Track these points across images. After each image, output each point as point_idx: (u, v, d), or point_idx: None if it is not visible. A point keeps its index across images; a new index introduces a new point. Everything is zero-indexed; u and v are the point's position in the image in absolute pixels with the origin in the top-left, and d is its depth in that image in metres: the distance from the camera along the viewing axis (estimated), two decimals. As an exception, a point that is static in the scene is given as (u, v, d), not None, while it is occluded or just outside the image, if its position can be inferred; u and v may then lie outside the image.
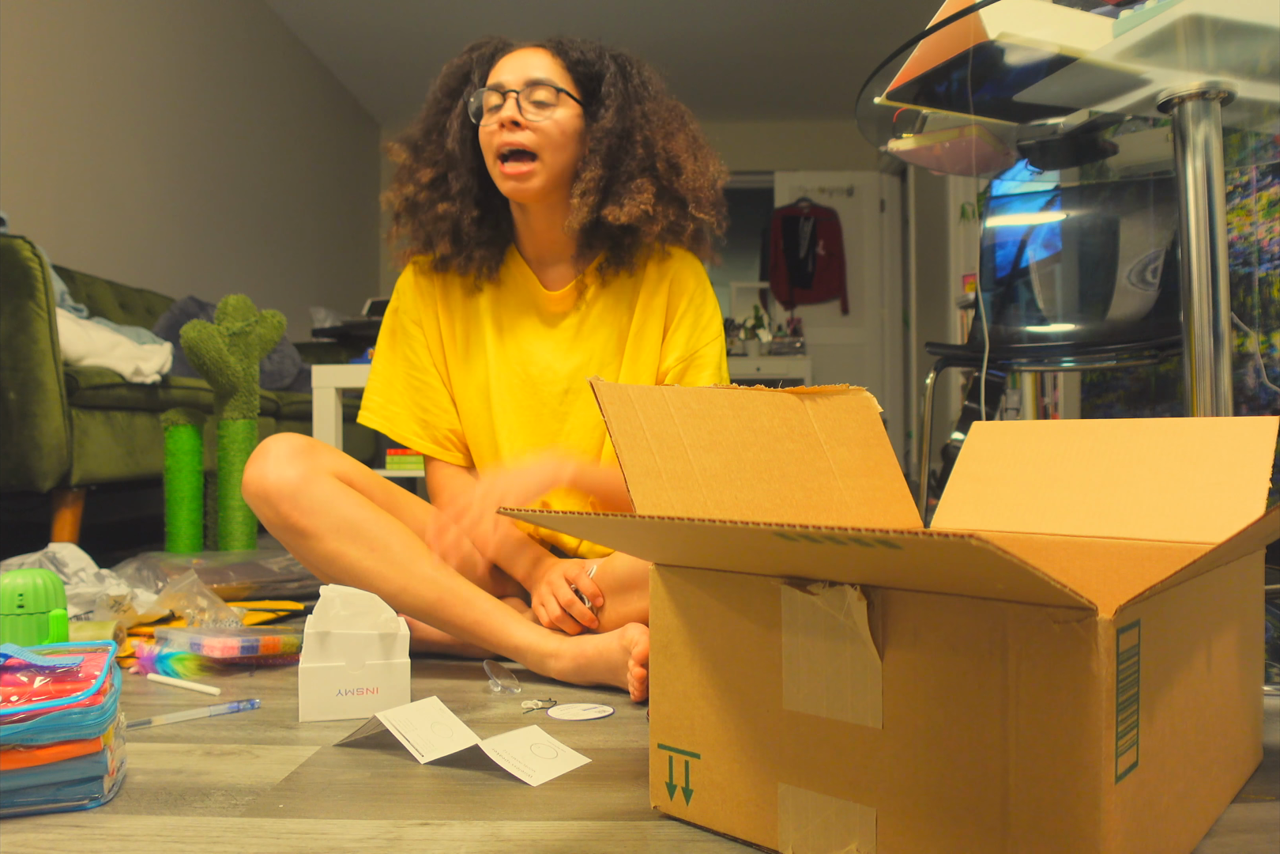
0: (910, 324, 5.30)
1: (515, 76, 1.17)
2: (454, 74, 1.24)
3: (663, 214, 1.20)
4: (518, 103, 1.16)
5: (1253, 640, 0.74)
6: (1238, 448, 0.77)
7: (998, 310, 2.09)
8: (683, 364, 1.26)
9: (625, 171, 1.19)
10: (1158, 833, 0.55)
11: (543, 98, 1.17)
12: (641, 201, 1.17)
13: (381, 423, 1.29)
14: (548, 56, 1.19)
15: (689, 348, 1.26)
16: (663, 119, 1.21)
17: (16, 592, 1.08)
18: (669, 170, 1.20)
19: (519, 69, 1.18)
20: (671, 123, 1.22)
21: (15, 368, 1.75)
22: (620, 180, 1.19)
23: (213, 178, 3.75)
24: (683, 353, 1.26)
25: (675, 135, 1.21)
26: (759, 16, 4.44)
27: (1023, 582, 0.47)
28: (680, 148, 1.20)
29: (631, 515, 0.53)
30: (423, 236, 1.25)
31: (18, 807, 0.69)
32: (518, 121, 1.15)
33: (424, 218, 1.23)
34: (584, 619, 1.09)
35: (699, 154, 1.23)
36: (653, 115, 1.20)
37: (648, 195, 1.18)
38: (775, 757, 0.62)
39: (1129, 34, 0.98)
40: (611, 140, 1.18)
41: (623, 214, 1.17)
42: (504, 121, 1.15)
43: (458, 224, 1.22)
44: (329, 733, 0.89)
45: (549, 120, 1.17)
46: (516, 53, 1.20)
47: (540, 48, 1.20)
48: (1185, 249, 1.07)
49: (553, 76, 1.18)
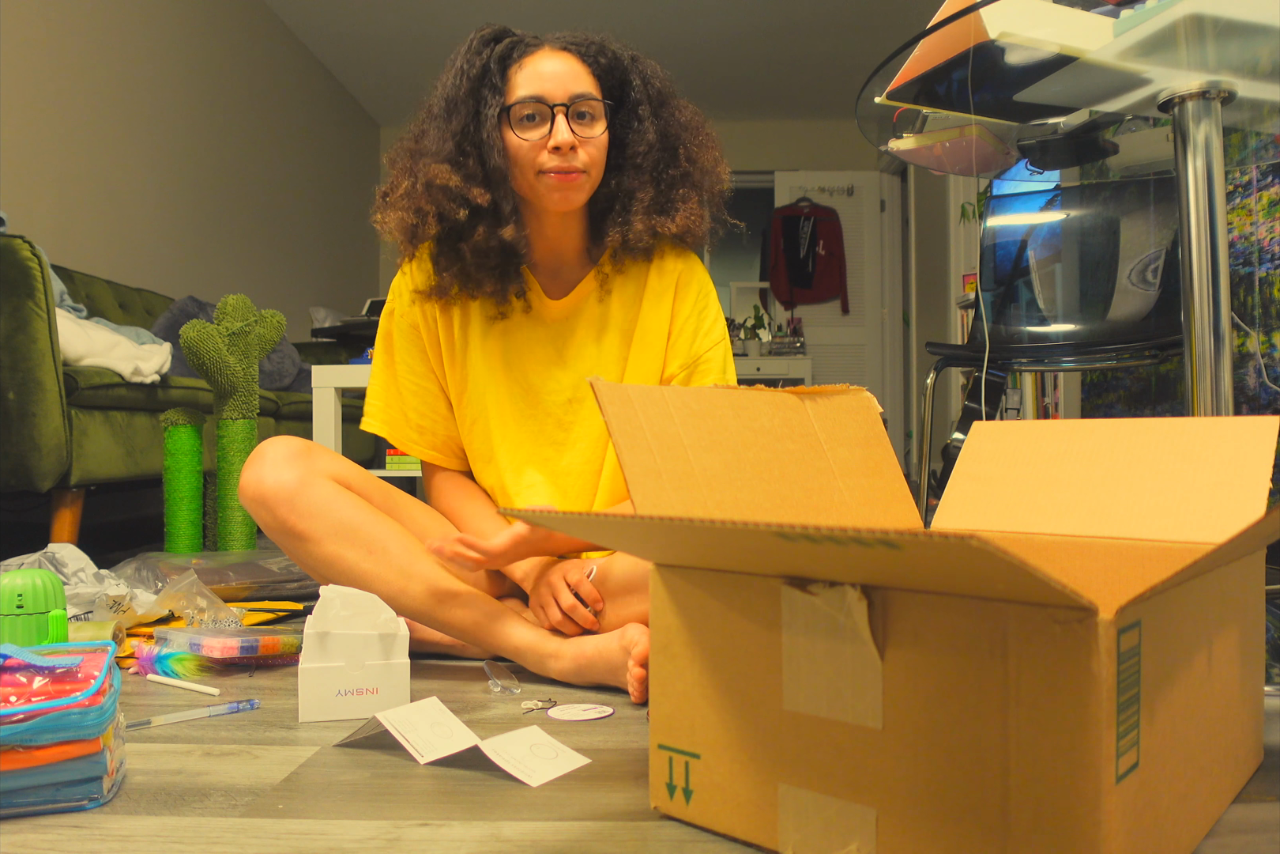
0: (910, 324, 5.30)
1: (557, 88, 1.11)
2: (471, 76, 1.13)
3: (700, 220, 1.21)
4: (569, 121, 1.11)
5: (1253, 641, 0.74)
6: (1238, 448, 0.76)
7: (998, 310, 2.09)
8: (687, 370, 1.24)
9: (668, 182, 1.19)
10: (1158, 833, 0.55)
11: (587, 111, 1.13)
12: (689, 211, 1.18)
13: (381, 427, 1.28)
14: (580, 64, 1.14)
15: (693, 353, 1.25)
16: (694, 125, 1.21)
17: (16, 592, 1.07)
18: (703, 177, 1.20)
19: (559, 79, 1.11)
20: (702, 128, 1.22)
21: (14, 368, 1.75)
22: (665, 192, 1.19)
23: (212, 178, 3.75)
24: (686, 359, 1.24)
25: (705, 141, 1.21)
26: (759, 17, 4.44)
27: (1023, 582, 0.46)
28: (711, 154, 1.21)
29: (631, 515, 0.53)
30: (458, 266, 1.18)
31: (17, 807, 0.68)
32: (575, 146, 1.11)
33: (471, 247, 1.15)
34: (584, 622, 1.09)
35: (722, 156, 1.23)
36: (687, 123, 1.20)
37: (693, 204, 1.19)
38: (775, 757, 0.62)
39: (1129, 33, 0.98)
40: (656, 154, 1.17)
41: (673, 226, 1.18)
42: (562, 146, 1.09)
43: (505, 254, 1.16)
44: (329, 733, 0.89)
45: (596, 137, 1.14)
46: (543, 55, 1.13)
47: (568, 52, 1.15)
48: (1186, 249, 1.07)
49: (591, 89, 1.13)
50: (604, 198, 1.20)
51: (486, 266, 1.17)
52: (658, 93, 1.19)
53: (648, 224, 1.18)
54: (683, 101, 1.23)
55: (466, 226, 1.14)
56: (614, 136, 1.19)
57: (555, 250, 1.23)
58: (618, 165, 1.19)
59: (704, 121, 1.23)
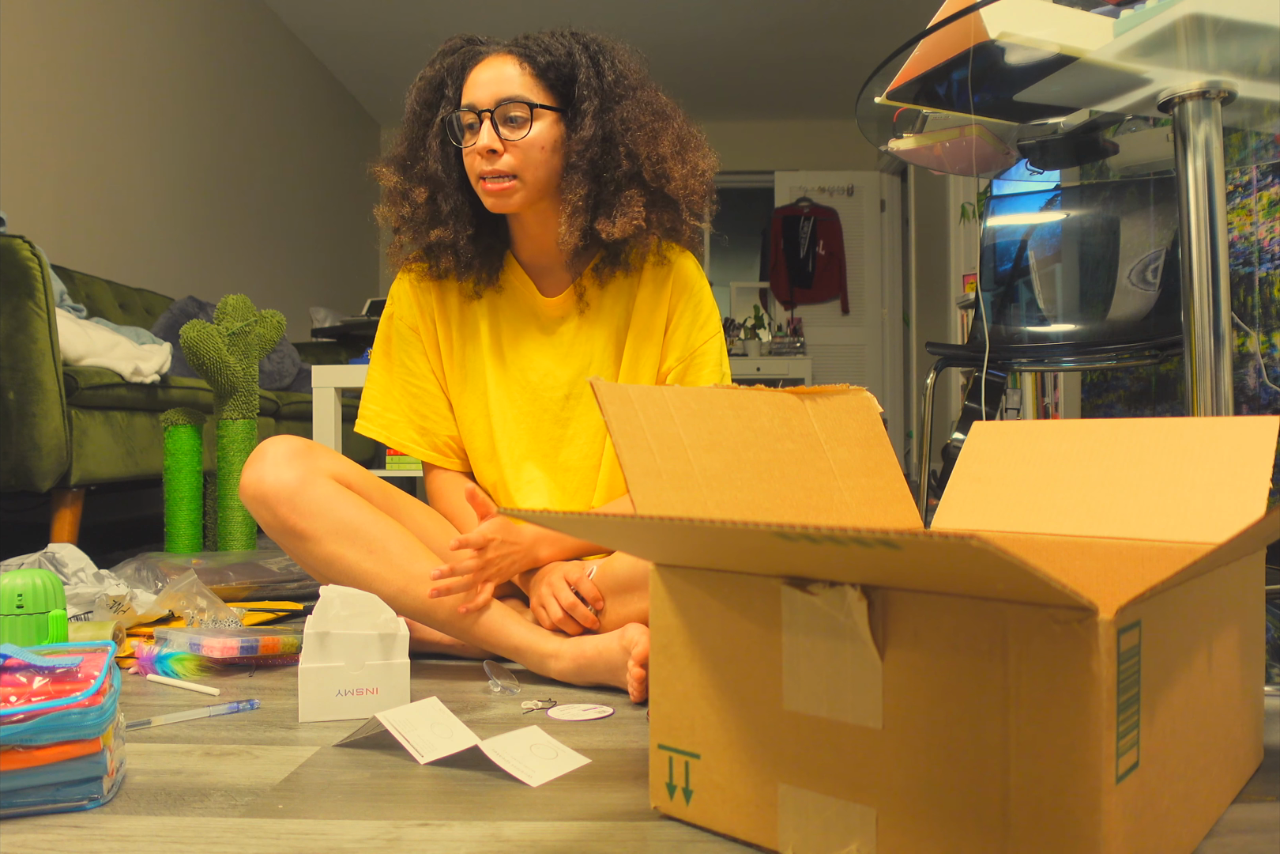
0: (910, 324, 5.30)
1: (486, 94, 1.13)
2: (428, 87, 1.19)
3: (657, 222, 1.18)
4: (494, 125, 1.12)
5: (1253, 641, 0.74)
6: (1238, 448, 0.76)
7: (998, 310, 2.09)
8: (683, 364, 1.25)
9: (612, 182, 1.15)
10: (1158, 833, 0.55)
11: (516, 114, 1.13)
12: (633, 215, 1.14)
13: (378, 431, 1.28)
14: (516, 66, 1.14)
15: (688, 347, 1.25)
16: (645, 120, 1.15)
17: (16, 592, 1.07)
18: (657, 177, 1.15)
19: (489, 85, 1.13)
20: (655, 122, 1.16)
21: (14, 368, 1.75)
22: (608, 192, 1.15)
23: (212, 177, 3.75)
24: (682, 352, 1.25)
25: (660, 136, 1.15)
26: (759, 17, 4.44)
27: (1023, 582, 0.46)
28: (667, 150, 1.15)
29: (631, 515, 0.53)
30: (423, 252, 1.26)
31: (17, 807, 0.68)
32: (494, 149, 1.12)
33: (420, 238, 1.22)
34: (585, 621, 1.09)
35: (687, 154, 1.18)
36: (634, 117, 1.14)
37: (638, 207, 1.14)
38: (775, 757, 0.62)
39: (1129, 33, 0.98)
40: (593, 151, 1.14)
41: (615, 229, 1.14)
42: (481, 151, 1.12)
43: (455, 245, 1.20)
44: (329, 733, 0.89)
45: (525, 139, 1.13)
46: (485, 63, 1.15)
47: (508, 55, 1.15)
48: (1186, 249, 1.07)
49: (524, 91, 1.13)
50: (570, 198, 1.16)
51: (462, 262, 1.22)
52: (610, 85, 1.15)
53: (580, 225, 1.15)
54: (650, 95, 1.18)
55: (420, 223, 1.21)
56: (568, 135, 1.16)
57: (542, 249, 1.24)
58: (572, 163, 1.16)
59: (671, 117, 1.18)
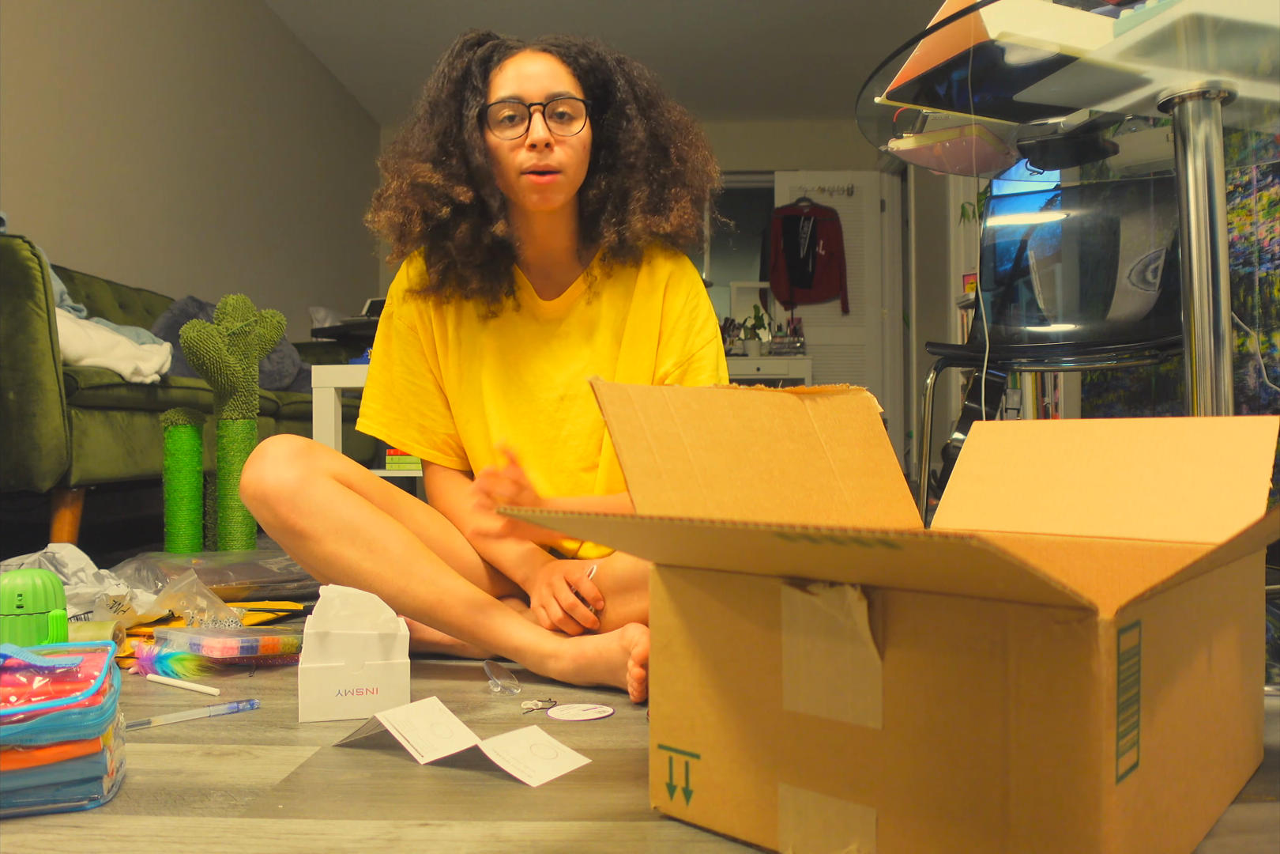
0: (910, 324, 5.30)
1: (536, 88, 1.13)
2: (457, 78, 1.16)
3: (693, 219, 1.21)
4: (545, 120, 1.13)
5: (1253, 640, 0.74)
6: (1238, 448, 0.76)
7: (998, 310, 2.09)
8: (680, 368, 1.25)
9: (660, 181, 1.20)
10: (1158, 833, 0.55)
11: (565, 111, 1.14)
12: (681, 210, 1.19)
13: (379, 429, 1.29)
14: (560, 65, 1.15)
15: (685, 351, 1.25)
16: (684, 125, 1.22)
17: (16, 592, 1.07)
18: (694, 176, 1.21)
19: (538, 79, 1.13)
20: (691, 128, 1.22)
21: (14, 368, 1.75)
22: (660, 191, 1.20)
23: (212, 177, 3.75)
24: (679, 357, 1.25)
25: (695, 141, 1.22)
26: (759, 17, 4.44)
27: (1023, 582, 0.46)
28: (701, 154, 1.22)
29: (631, 515, 0.53)
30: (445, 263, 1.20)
31: (17, 807, 0.68)
32: (550, 143, 1.12)
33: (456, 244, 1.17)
34: (586, 621, 1.09)
35: (712, 155, 1.24)
36: (677, 123, 1.21)
37: (685, 203, 1.19)
38: (775, 757, 0.62)
39: (1129, 33, 0.98)
40: (647, 153, 1.18)
41: (667, 225, 1.18)
42: (537, 143, 1.11)
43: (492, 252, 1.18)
44: (329, 733, 0.89)
45: (574, 137, 1.14)
46: (524, 57, 1.15)
47: (548, 53, 1.16)
48: (1186, 249, 1.07)
49: (571, 89, 1.15)
50: (595, 199, 1.20)
51: (473, 264, 1.19)
52: (645, 93, 1.20)
53: (645, 223, 1.18)
54: (671, 102, 1.24)
55: (451, 224, 1.16)
56: (603, 137, 1.19)
57: (545, 250, 1.24)
58: (609, 165, 1.20)
59: (693, 122, 1.24)
